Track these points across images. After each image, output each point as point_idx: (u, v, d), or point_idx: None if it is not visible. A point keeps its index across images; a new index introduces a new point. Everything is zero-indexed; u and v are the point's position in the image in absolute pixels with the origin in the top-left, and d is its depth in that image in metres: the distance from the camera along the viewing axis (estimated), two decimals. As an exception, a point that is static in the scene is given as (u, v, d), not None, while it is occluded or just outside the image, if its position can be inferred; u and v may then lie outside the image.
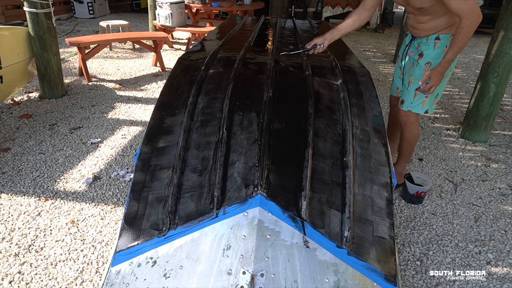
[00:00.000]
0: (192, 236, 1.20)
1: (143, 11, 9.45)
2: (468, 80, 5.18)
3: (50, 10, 3.44)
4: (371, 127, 1.63)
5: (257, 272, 1.08)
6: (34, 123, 3.22)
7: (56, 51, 3.62)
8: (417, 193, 2.31)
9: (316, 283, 1.10)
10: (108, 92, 4.04)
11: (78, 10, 8.40)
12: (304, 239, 1.16)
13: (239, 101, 1.65)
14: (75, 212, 2.14)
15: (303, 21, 3.88)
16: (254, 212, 1.19)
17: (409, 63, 2.17)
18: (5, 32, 3.15)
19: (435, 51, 2.02)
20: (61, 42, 5.80)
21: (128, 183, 2.44)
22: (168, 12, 5.37)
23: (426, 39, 2.01)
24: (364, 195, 1.34)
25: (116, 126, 3.25)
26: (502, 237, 2.11)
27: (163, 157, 1.46)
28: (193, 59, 2.12)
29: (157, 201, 1.32)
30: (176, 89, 1.81)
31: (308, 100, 1.65)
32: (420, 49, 2.06)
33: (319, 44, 2.05)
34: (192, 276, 1.12)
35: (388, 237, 1.26)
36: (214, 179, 1.32)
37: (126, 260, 1.21)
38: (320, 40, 2.05)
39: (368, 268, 1.16)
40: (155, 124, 1.61)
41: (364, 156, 1.48)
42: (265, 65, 2.01)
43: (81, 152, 2.79)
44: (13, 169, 2.53)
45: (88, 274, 1.73)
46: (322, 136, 1.50)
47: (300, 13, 9.13)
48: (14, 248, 1.85)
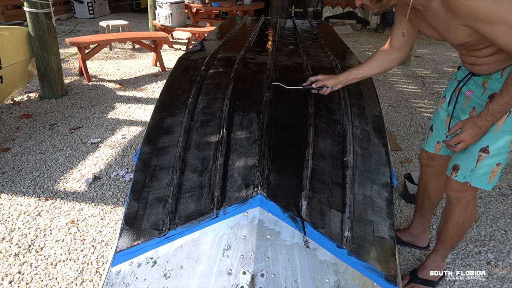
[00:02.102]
0: (192, 236, 1.20)
1: (143, 11, 9.44)
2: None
3: (50, 10, 3.44)
4: (371, 127, 1.63)
5: (257, 272, 1.08)
6: (34, 123, 3.22)
7: (56, 51, 3.62)
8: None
9: (316, 283, 1.10)
10: (108, 92, 4.04)
11: (78, 10, 8.40)
12: (304, 239, 1.16)
13: (239, 101, 1.65)
14: (75, 212, 2.14)
15: (303, 21, 3.88)
16: (254, 212, 1.19)
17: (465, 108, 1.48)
18: (5, 32, 3.15)
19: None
20: (61, 42, 5.79)
21: (128, 183, 2.44)
22: (168, 12, 5.37)
23: (501, 73, 1.32)
24: (364, 195, 1.34)
25: (116, 126, 3.25)
26: (502, 237, 2.11)
27: (163, 157, 1.46)
28: (193, 59, 2.12)
29: (157, 201, 1.32)
30: (176, 89, 1.81)
31: (308, 100, 1.65)
32: (489, 88, 1.37)
33: (329, 86, 1.59)
34: (192, 276, 1.12)
35: (388, 237, 1.26)
36: (214, 179, 1.32)
37: (126, 260, 1.21)
38: (332, 83, 1.59)
39: (368, 268, 1.16)
40: (155, 124, 1.61)
41: (364, 156, 1.48)
42: (265, 65, 2.01)
43: (81, 152, 2.79)
44: (13, 169, 2.53)
45: (88, 274, 1.73)
46: (322, 136, 1.50)
47: (300, 13, 9.13)
48: (14, 248, 1.85)
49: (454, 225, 1.58)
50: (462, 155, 1.45)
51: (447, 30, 1.29)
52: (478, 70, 1.40)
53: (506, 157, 1.38)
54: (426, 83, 4.84)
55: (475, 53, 1.35)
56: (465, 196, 1.50)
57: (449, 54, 6.53)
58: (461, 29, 1.23)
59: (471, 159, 1.41)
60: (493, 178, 1.42)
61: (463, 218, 1.55)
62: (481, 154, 1.38)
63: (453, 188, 1.50)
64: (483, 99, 1.39)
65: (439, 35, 1.36)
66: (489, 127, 1.33)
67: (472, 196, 1.51)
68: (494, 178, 1.42)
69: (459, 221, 1.56)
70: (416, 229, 1.96)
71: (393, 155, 2.94)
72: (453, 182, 1.48)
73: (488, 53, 1.31)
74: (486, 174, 1.41)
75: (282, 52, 2.36)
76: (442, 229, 1.64)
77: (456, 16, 1.19)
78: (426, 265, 1.73)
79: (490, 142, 1.36)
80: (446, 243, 1.66)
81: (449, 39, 1.34)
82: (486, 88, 1.38)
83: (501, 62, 1.31)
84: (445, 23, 1.26)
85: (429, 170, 1.76)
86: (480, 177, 1.42)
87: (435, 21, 1.30)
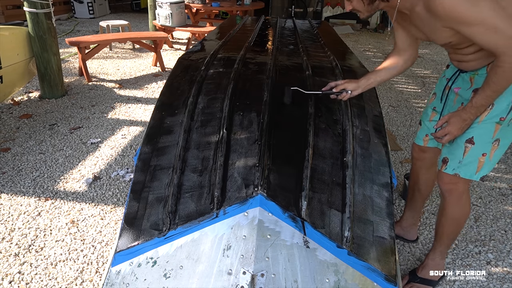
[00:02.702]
0: (192, 236, 1.20)
1: (143, 11, 9.44)
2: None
3: (50, 10, 3.43)
4: (371, 127, 1.63)
5: (257, 272, 1.08)
6: (34, 123, 3.22)
7: (56, 51, 3.62)
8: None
9: (316, 283, 1.10)
10: (108, 92, 4.04)
11: (78, 10, 8.40)
12: (304, 239, 1.16)
13: (239, 101, 1.65)
14: (75, 212, 2.14)
15: (303, 21, 3.88)
16: (254, 212, 1.19)
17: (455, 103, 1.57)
18: (5, 32, 3.15)
19: None
20: (61, 42, 5.79)
21: (128, 183, 2.44)
22: (168, 12, 5.37)
23: (486, 68, 1.39)
24: (364, 195, 1.34)
25: (116, 126, 3.25)
26: (502, 237, 2.11)
27: (163, 157, 1.46)
28: (193, 59, 2.12)
29: (157, 201, 1.32)
30: (176, 89, 1.81)
31: (308, 100, 1.65)
32: (476, 83, 1.45)
33: (349, 90, 1.58)
34: (192, 276, 1.12)
35: (388, 237, 1.26)
36: (214, 179, 1.32)
37: (126, 260, 1.21)
38: (352, 87, 1.58)
39: (368, 268, 1.16)
40: (155, 124, 1.61)
41: (364, 156, 1.48)
42: (265, 65, 2.01)
43: (81, 152, 2.79)
44: (13, 169, 2.53)
45: (88, 274, 1.73)
46: (322, 136, 1.50)
47: (300, 13, 9.13)
48: (14, 248, 1.85)
49: (449, 219, 1.62)
50: (450, 148, 1.52)
51: (432, 32, 1.36)
52: (465, 67, 1.48)
53: (490, 147, 1.43)
54: (426, 83, 4.84)
55: (460, 51, 1.43)
56: (456, 188, 1.54)
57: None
58: (444, 30, 1.30)
59: (458, 151, 1.48)
60: (481, 168, 1.47)
61: (458, 211, 1.59)
62: (467, 145, 1.45)
63: (443, 181, 1.55)
64: (466, 95, 1.48)
65: (425, 36, 1.44)
66: (473, 119, 1.40)
67: (464, 189, 1.55)
68: (482, 169, 1.47)
69: (453, 214, 1.60)
70: (406, 221, 2.01)
71: (393, 155, 2.94)
72: (444, 174, 1.54)
73: (472, 51, 1.38)
74: (473, 164, 1.46)
75: (282, 52, 2.36)
76: (438, 225, 1.68)
77: (438, 19, 1.26)
78: (425, 264, 1.74)
79: (475, 133, 1.42)
80: (443, 238, 1.69)
81: (435, 40, 1.41)
82: (473, 84, 1.46)
83: (485, 59, 1.38)
84: (429, 25, 1.34)
85: (419, 163, 1.83)
86: (467, 167, 1.48)
87: (420, 23, 1.37)
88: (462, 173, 1.49)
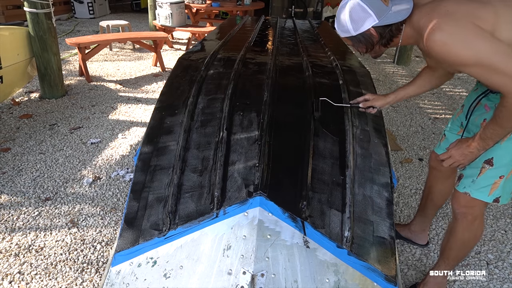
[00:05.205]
0: (192, 236, 1.20)
1: (143, 11, 9.44)
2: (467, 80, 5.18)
3: (50, 10, 3.44)
4: (371, 127, 1.63)
5: (258, 272, 1.08)
6: (34, 123, 3.22)
7: (56, 51, 3.62)
8: (417, 193, 2.29)
9: (316, 283, 1.10)
10: (108, 92, 4.04)
11: (78, 10, 8.40)
12: (305, 239, 1.16)
13: (239, 101, 1.65)
14: (75, 212, 2.14)
15: (303, 21, 3.88)
16: (254, 212, 1.19)
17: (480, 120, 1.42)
18: (5, 32, 3.15)
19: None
20: (61, 42, 5.79)
21: (128, 183, 2.44)
22: (168, 12, 5.37)
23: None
24: (364, 195, 1.34)
25: (116, 126, 3.25)
26: (502, 237, 2.11)
27: (163, 157, 1.46)
28: (193, 59, 2.12)
29: (157, 201, 1.32)
30: (176, 89, 1.81)
31: (308, 100, 1.65)
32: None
33: (376, 107, 1.58)
34: (192, 276, 1.12)
35: (388, 237, 1.26)
36: (214, 179, 1.32)
37: (126, 260, 1.21)
38: (380, 104, 1.57)
39: (369, 268, 1.16)
40: (155, 124, 1.61)
41: (364, 156, 1.48)
42: (265, 65, 2.01)
43: (81, 152, 2.79)
44: (13, 169, 2.53)
45: (88, 274, 1.73)
46: (322, 136, 1.50)
47: (300, 13, 9.13)
48: (14, 248, 1.85)
49: (458, 242, 1.52)
50: (468, 165, 1.42)
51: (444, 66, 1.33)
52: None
53: (510, 169, 1.34)
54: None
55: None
56: (471, 212, 1.45)
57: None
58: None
59: (474, 170, 1.40)
60: (495, 190, 1.37)
61: (468, 235, 1.49)
62: (485, 166, 1.36)
63: (459, 203, 1.46)
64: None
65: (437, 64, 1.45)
66: (479, 152, 1.32)
67: (479, 213, 1.45)
68: (496, 191, 1.37)
69: (463, 238, 1.50)
70: (415, 226, 1.98)
71: (393, 155, 2.94)
72: (460, 195, 1.45)
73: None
74: (487, 186, 1.38)
75: (282, 52, 2.36)
76: (445, 245, 1.59)
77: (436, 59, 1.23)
78: (427, 281, 1.68)
79: (495, 154, 1.33)
80: (449, 260, 1.61)
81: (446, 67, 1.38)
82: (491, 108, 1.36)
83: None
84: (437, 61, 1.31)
85: (436, 172, 1.76)
86: (480, 188, 1.39)
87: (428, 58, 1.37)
88: (473, 193, 1.40)
